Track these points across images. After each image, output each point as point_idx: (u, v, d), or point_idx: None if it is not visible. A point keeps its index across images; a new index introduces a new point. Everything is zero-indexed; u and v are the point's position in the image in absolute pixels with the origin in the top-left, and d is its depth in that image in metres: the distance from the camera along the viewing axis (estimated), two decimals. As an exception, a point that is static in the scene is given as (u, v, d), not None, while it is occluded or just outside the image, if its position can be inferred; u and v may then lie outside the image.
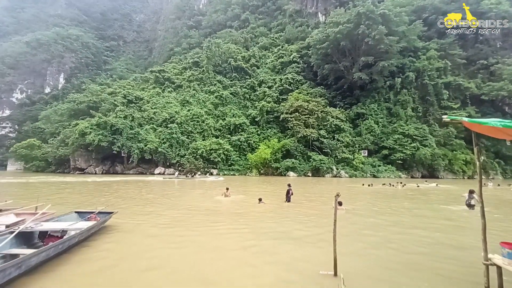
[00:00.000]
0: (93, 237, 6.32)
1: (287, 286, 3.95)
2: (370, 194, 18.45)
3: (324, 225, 8.02)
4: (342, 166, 44.46)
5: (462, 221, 9.42)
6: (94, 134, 42.96)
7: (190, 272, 4.46)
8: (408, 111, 51.71)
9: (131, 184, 23.32)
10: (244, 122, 52.17)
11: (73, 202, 12.22)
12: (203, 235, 6.89)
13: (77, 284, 3.96)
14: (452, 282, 4.24)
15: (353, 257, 5.28)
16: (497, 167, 48.86)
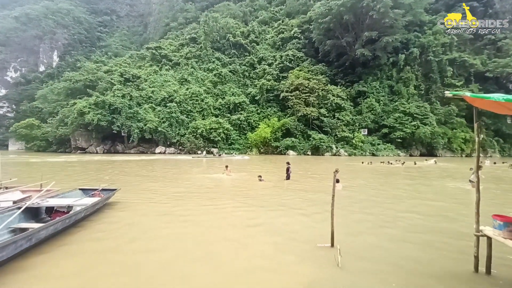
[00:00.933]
0: (98, 213, 6.57)
1: (285, 257, 4.17)
2: (368, 172, 18.79)
3: (322, 200, 8.29)
4: (342, 145, 44.75)
5: (457, 197, 9.70)
6: (93, 114, 42.71)
7: (191, 245, 4.69)
8: (411, 89, 50.94)
9: (158, 163, 23.62)
10: (244, 101, 51.59)
11: (85, 179, 12.49)
12: (205, 210, 7.14)
13: (85, 256, 4.19)
14: (444, 252, 4.48)
15: (349, 230, 5.52)
16: (495, 145, 49.21)
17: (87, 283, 3.36)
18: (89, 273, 3.61)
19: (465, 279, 3.59)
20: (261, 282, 3.42)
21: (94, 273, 3.62)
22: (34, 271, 3.62)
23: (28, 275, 3.51)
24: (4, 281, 3.34)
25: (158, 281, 3.42)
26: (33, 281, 3.38)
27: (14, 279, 3.40)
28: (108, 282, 3.40)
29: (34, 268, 3.70)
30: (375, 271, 3.73)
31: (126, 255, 4.22)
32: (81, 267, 3.80)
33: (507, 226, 3.36)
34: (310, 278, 3.50)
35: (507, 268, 3.85)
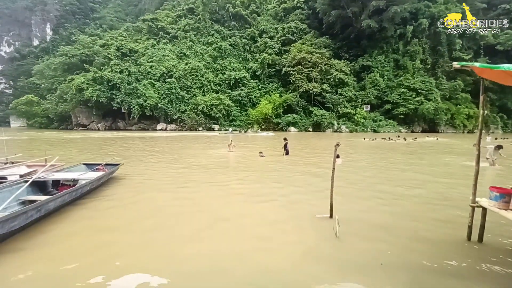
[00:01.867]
0: (102, 187, 6.74)
1: (284, 227, 4.34)
2: (370, 148, 18.86)
3: (321, 175, 8.43)
4: (343, 121, 44.46)
5: (458, 171, 9.82)
6: (91, 90, 42.13)
7: (196, 217, 4.87)
8: (417, 63, 49.31)
9: (182, 139, 23.75)
10: (245, 76, 50.37)
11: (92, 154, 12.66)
12: (208, 184, 7.31)
13: (92, 227, 4.38)
14: (439, 223, 4.64)
15: (348, 202, 5.68)
16: (498, 121, 48.76)
17: (95, 251, 3.55)
18: (95, 243, 3.80)
19: (457, 246, 3.75)
20: (261, 250, 3.59)
21: (99, 242, 3.80)
22: (43, 241, 3.81)
23: (37, 245, 3.70)
24: (16, 248, 3.53)
25: (163, 251, 3.60)
26: (42, 250, 3.57)
27: (25, 248, 3.59)
28: (114, 251, 3.58)
29: (43, 239, 3.88)
30: (371, 240, 3.90)
31: (131, 227, 4.41)
32: (88, 238, 3.98)
33: (503, 197, 3.44)
34: (308, 246, 3.67)
35: (497, 237, 4.00)
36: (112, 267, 3.10)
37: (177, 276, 2.94)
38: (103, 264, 3.16)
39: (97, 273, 2.97)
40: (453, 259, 3.38)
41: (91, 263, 3.18)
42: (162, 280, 2.86)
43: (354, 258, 3.37)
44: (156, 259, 3.29)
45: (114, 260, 3.27)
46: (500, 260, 3.37)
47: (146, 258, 3.32)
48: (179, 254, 3.44)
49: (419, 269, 3.13)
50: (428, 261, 3.31)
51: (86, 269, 3.05)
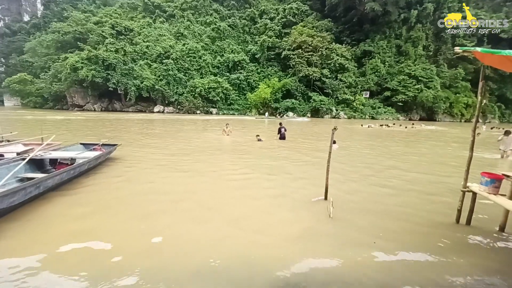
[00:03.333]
0: (100, 167, 6.77)
1: (280, 209, 4.45)
2: (366, 134, 18.95)
3: (317, 159, 8.52)
4: (342, 107, 44.27)
5: (454, 159, 9.98)
6: (86, 70, 41.04)
7: (193, 197, 4.96)
8: (419, 49, 48.49)
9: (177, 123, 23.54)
10: (244, 59, 49.20)
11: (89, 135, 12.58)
12: (205, 166, 7.38)
13: (90, 205, 4.45)
14: (430, 207, 4.78)
15: (343, 185, 5.80)
16: (496, 111, 48.91)
17: (96, 226, 3.63)
18: (96, 218, 3.88)
19: (445, 228, 3.91)
20: (257, 229, 3.71)
21: (101, 218, 3.89)
22: (42, 216, 3.88)
23: (36, 219, 3.77)
24: (15, 223, 3.60)
25: (159, 228, 3.69)
26: (41, 224, 3.64)
27: (23, 222, 3.65)
28: (114, 226, 3.67)
29: (42, 213, 3.95)
30: (364, 222, 4.03)
31: (130, 205, 4.49)
32: (87, 213, 4.06)
33: (493, 182, 3.53)
34: (302, 226, 3.79)
35: (485, 220, 4.16)
36: (113, 238, 3.19)
37: (177, 247, 3.04)
38: (99, 234, 3.25)
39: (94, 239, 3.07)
40: (440, 239, 3.53)
41: (89, 232, 3.27)
42: (165, 248, 2.96)
43: (347, 237, 3.51)
44: (158, 232, 3.39)
45: (113, 232, 3.36)
46: (482, 242, 3.53)
47: (146, 229, 3.41)
48: (179, 229, 3.54)
49: (408, 248, 3.27)
50: (416, 241, 3.46)
51: (86, 238, 3.14)
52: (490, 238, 3.62)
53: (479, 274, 2.78)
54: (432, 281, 2.64)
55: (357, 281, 2.59)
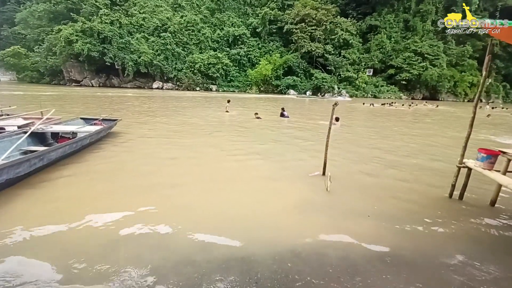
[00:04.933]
0: (101, 141, 6.82)
1: (278, 183, 4.56)
2: (369, 113, 18.81)
3: (317, 136, 8.56)
4: (344, 86, 43.43)
5: (451, 138, 10.02)
6: (81, 43, 39.61)
7: (194, 172, 5.06)
8: (427, 24, 46.47)
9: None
10: (244, 33, 47.23)
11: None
12: (205, 142, 7.43)
13: (92, 177, 4.55)
14: (426, 182, 4.90)
15: (342, 162, 5.89)
16: (500, 91, 48.11)
17: (99, 197, 3.76)
18: (98, 190, 4.00)
19: (438, 202, 4.05)
20: (255, 201, 3.84)
21: (103, 190, 4.01)
22: (46, 188, 4.00)
23: (41, 190, 3.89)
24: (21, 194, 3.72)
25: (163, 199, 3.82)
26: (46, 195, 3.76)
27: (29, 193, 3.78)
28: (119, 198, 3.80)
29: (46, 186, 4.07)
30: (360, 196, 4.16)
31: (133, 178, 4.60)
32: (90, 185, 4.18)
33: (489, 158, 3.59)
34: (299, 198, 3.92)
35: (476, 196, 4.29)
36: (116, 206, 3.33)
37: (180, 216, 3.18)
38: (101, 204, 3.39)
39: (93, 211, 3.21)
40: (432, 213, 3.67)
41: (94, 200, 3.41)
42: (170, 215, 3.11)
43: (343, 210, 3.64)
44: (162, 204, 3.52)
45: (119, 201, 3.50)
46: (472, 215, 3.67)
47: (149, 202, 3.55)
48: (179, 200, 3.68)
49: (401, 220, 3.41)
50: (409, 214, 3.60)
51: (90, 207, 3.28)
52: (480, 212, 3.76)
53: (466, 245, 2.94)
54: (422, 251, 2.80)
55: (351, 250, 2.74)
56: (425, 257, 2.66)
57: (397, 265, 2.51)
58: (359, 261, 2.54)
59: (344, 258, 2.57)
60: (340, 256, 2.60)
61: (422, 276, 2.37)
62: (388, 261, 2.56)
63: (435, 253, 2.75)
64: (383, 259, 2.59)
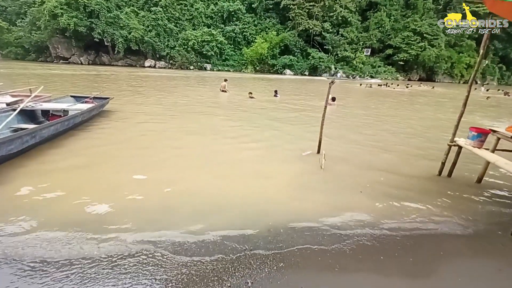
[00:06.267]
0: (93, 120, 6.70)
1: (272, 161, 4.61)
2: (366, 93, 18.73)
3: (310, 117, 8.56)
4: (341, 66, 42.74)
5: (441, 117, 10.15)
6: (67, 17, 37.43)
7: (188, 150, 5.07)
8: (428, 2, 45.08)
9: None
10: (240, 8, 45.16)
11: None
12: (199, 122, 7.38)
13: (85, 156, 4.52)
14: (414, 161, 5.03)
15: (336, 141, 5.95)
16: (496, 72, 48.09)
17: (93, 175, 3.76)
18: (94, 167, 4.00)
19: (426, 179, 4.19)
20: (250, 177, 3.90)
21: (99, 167, 4.01)
22: (41, 164, 3.97)
23: (34, 167, 3.87)
24: (13, 171, 3.69)
25: (160, 177, 3.85)
26: (40, 171, 3.75)
27: (21, 171, 3.75)
28: (113, 175, 3.81)
29: (41, 162, 4.04)
30: (353, 173, 4.26)
31: (128, 155, 4.59)
32: (86, 162, 4.16)
33: (479, 136, 3.68)
34: (294, 175, 4.01)
35: (465, 173, 4.44)
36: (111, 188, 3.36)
37: (180, 192, 3.24)
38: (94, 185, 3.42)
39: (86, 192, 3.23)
40: (421, 189, 3.81)
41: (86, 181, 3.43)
42: (172, 191, 3.16)
43: (336, 186, 3.74)
44: (159, 180, 3.56)
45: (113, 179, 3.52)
46: (459, 191, 3.83)
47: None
48: (181, 177, 3.72)
49: (391, 196, 3.54)
50: (399, 190, 3.73)
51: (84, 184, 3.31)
52: (467, 188, 3.91)
53: (451, 217, 3.09)
54: (409, 222, 2.94)
55: (343, 222, 2.85)
56: (411, 229, 2.80)
57: (384, 236, 2.65)
58: (350, 233, 2.66)
59: (336, 230, 2.69)
60: (332, 229, 2.71)
61: (408, 245, 2.51)
62: (377, 232, 2.69)
63: (419, 225, 2.89)
64: (372, 230, 2.72)
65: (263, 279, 2.01)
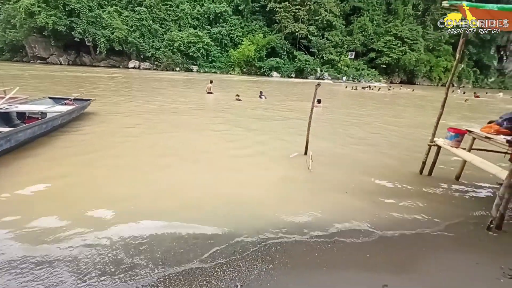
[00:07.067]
0: (74, 122, 6.43)
1: (260, 162, 4.61)
2: (351, 96, 19.20)
3: (297, 118, 8.67)
4: (327, 68, 43.66)
5: (430, 120, 10.57)
6: (45, 15, 35.85)
7: (174, 153, 4.98)
8: (408, 8, 47.15)
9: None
10: (226, 10, 45.16)
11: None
12: (184, 124, 7.28)
13: (65, 162, 4.34)
14: (399, 161, 5.20)
15: (322, 143, 6.05)
16: (471, 76, 50.81)
17: (72, 183, 3.61)
18: (73, 175, 3.84)
19: (409, 177, 4.34)
20: (238, 179, 3.89)
21: (78, 175, 3.85)
22: (14, 171, 3.77)
23: (7, 180, 3.66)
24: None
25: (145, 179, 3.75)
26: (14, 184, 3.56)
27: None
28: (93, 182, 3.67)
29: (14, 169, 3.83)
30: (339, 174, 4.35)
31: (109, 166, 4.44)
32: (62, 172, 3.99)
33: (457, 137, 3.85)
34: (281, 176, 4.03)
35: (444, 172, 4.64)
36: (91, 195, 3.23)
37: (161, 196, 3.17)
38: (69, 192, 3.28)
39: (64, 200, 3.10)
40: (403, 187, 3.94)
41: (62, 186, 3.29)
42: (160, 193, 3.08)
43: (323, 187, 3.80)
44: (145, 183, 3.46)
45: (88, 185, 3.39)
46: (439, 188, 4.00)
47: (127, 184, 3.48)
48: (162, 182, 3.63)
49: (375, 195, 3.64)
50: (383, 189, 3.84)
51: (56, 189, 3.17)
52: (446, 185, 4.09)
53: (432, 214, 3.21)
54: (393, 220, 3.03)
55: (330, 222, 2.90)
56: (395, 226, 2.89)
57: (370, 234, 2.71)
58: (337, 232, 2.71)
59: (324, 230, 2.72)
60: (320, 229, 2.74)
61: (392, 242, 2.59)
62: (363, 230, 2.76)
63: (403, 222, 2.99)
64: (358, 230, 2.78)
65: (252, 281, 1.99)
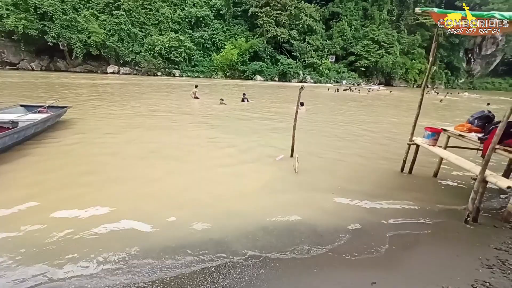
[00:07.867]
0: (49, 131, 6.09)
1: (245, 169, 4.56)
2: (333, 98, 19.68)
3: (281, 121, 8.76)
4: (309, 72, 44.58)
5: (408, 120, 11.04)
6: (14, 19, 33.82)
7: (158, 159, 4.86)
8: (383, 13, 49.41)
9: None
10: (208, 14, 44.97)
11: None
12: (168, 129, 7.13)
13: (39, 173, 4.11)
14: (381, 160, 5.38)
15: (307, 145, 6.14)
16: (443, 77, 53.92)
17: (47, 192, 3.42)
18: (49, 182, 3.64)
19: (390, 176, 4.51)
20: (226, 183, 3.85)
21: (54, 183, 3.66)
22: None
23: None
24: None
25: (117, 191, 3.62)
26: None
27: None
28: (72, 192, 3.50)
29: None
30: (325, 175, 4.43)
31: (84, 184, 4.25)
32: (37, 181, 3.78)
33: (433, 135, 4.05)
34: (269, 179, 4.04)
35: (423, 169, 4.85)
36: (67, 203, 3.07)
37: (147, 203, 3.07)
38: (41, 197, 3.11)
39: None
40: (385, 185, 4.08)
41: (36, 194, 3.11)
42: (155, 195, 2.96)
43: (310, 188, 3.84)
44: (135, 194, 3.33)
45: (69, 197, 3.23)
46: (418, 185, 4.18)
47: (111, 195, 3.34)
48: (145, 189, 3.52)
49: (360, 194, 3.73)
50: (367, 188, 3.95)
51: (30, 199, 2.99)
52: (425, 182, 4.29)
53: (413, 210, 3.35)
54: (377, 218, 3.12)
55: (319, 223, 2.93)
56: (379, 224, 2.98)
57: (356, 233, 2.77)
58: (325, 233, 2.74)
59: (312, 232, 2.75)
60: (308, 230, 2.77)
61: (378, 239, 2.66)
62: (350, 230, 2.81)
63: (387, 219, 3.09)
64: (345, 229, 2.83)
65: (244, 287, 1.97)
